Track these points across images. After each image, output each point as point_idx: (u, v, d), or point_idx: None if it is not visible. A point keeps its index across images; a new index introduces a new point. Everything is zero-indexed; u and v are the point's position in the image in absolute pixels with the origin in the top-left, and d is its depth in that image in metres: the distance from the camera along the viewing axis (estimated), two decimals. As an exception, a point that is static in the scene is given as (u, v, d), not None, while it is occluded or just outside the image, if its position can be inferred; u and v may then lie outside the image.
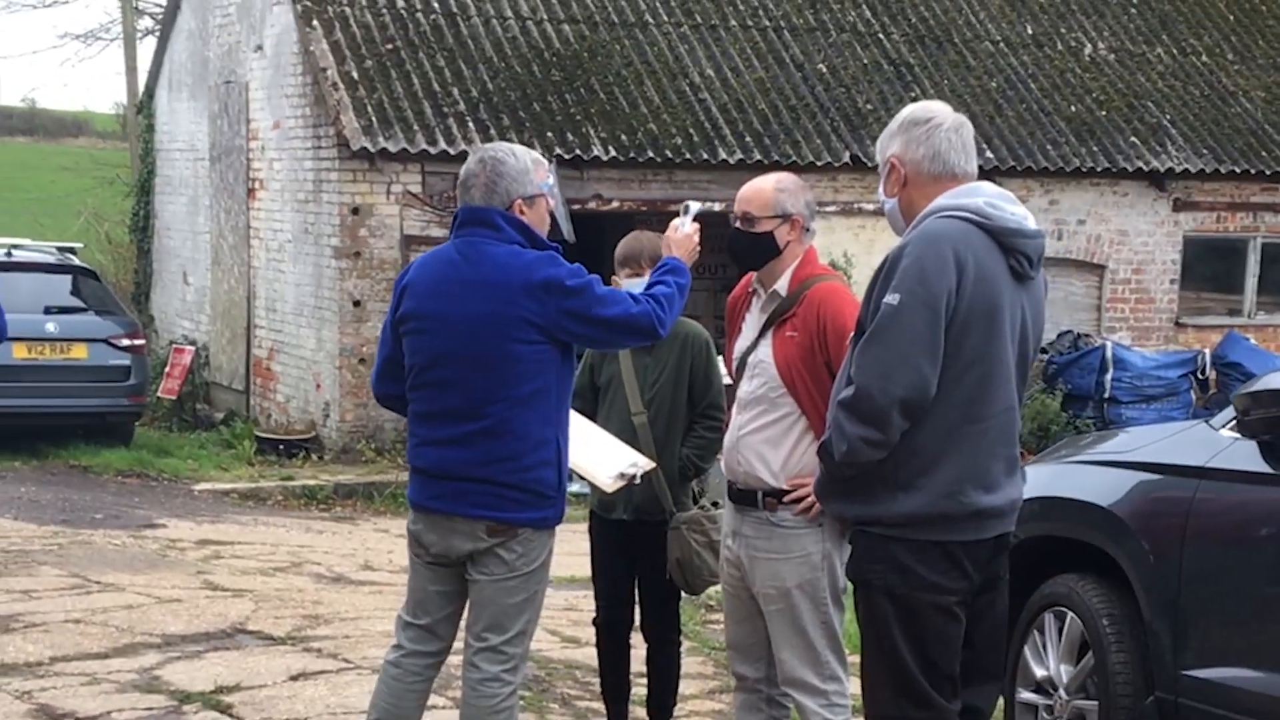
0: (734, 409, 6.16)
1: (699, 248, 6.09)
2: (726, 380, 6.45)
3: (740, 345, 6.12)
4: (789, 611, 5.96)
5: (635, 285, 6.64)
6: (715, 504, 6.98)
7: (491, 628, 5.81)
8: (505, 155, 5.79)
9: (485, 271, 5.69)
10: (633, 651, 7.37)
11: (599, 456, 6.64)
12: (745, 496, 6.04)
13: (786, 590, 5.94)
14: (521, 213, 5.74)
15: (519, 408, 5.67)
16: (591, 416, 7.13)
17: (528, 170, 5.77)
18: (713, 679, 8.66)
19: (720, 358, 6.62)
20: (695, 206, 6.21)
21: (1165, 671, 6.33)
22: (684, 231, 6.09)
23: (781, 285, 5.98)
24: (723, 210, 19.23)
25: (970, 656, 5.10)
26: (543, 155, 6.12)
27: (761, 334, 6.01)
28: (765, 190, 6.02)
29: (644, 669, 7.37)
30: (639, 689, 7.48)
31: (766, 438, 5.96)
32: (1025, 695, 7.00)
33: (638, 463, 6.68)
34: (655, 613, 7.22)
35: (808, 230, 6.04)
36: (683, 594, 7.23)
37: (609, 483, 6.53)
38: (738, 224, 6.03)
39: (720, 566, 6.36)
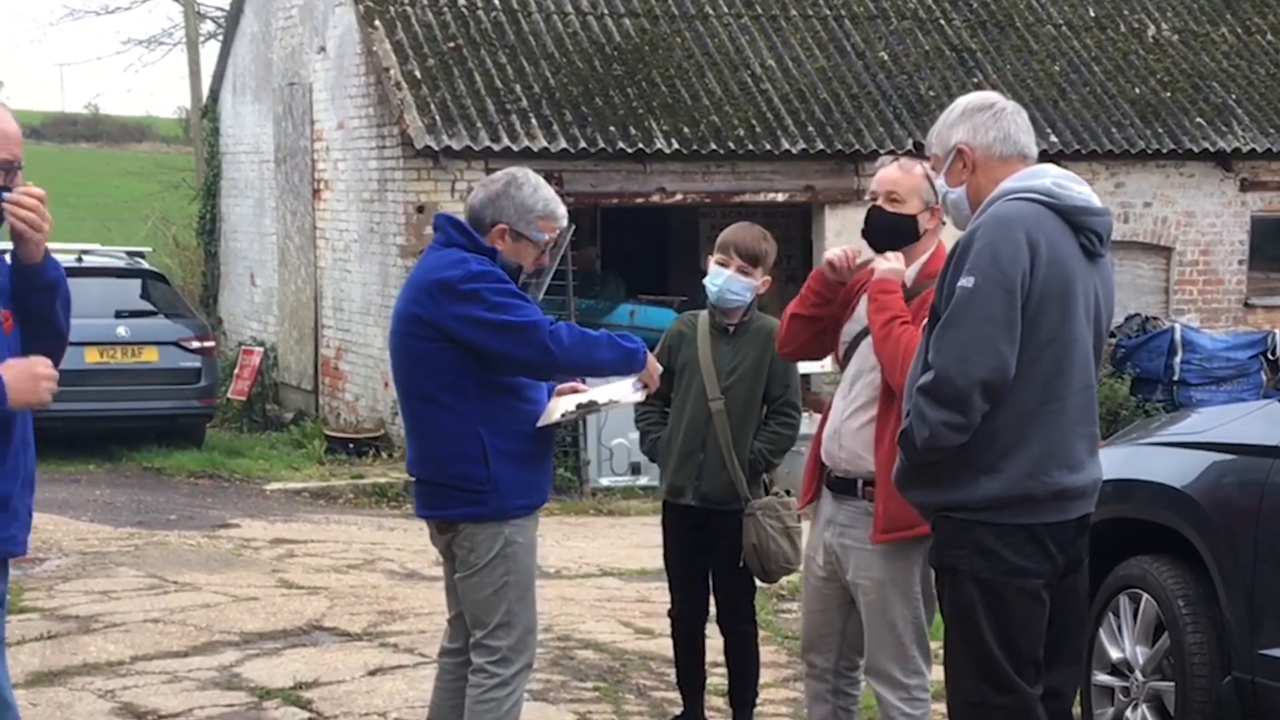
0: (837, 395, 6.07)
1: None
2: (818, 368, 6.40)
3: (851, 329, 6.04)
4: (880, 603, 5.92)
5: (720, 272, 6.73)
6: (788, 491, 6.97)
7: (474, 624, 5.95)
8: (526, 184, 5.86)
9: (415, 273, 5.89)
10: (708, 643, 7.40)
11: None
12: (844, 485, 5.99)
13: (880, 582, 5.91)
14: (502, 238, 5.80)
15: (430, 406, 5.78)
16: (666, 399, 7.15)
17: (533, 210, 5.83)
18: (786, 667, 8.68)
19: None
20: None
21: (1242, 651, 6.31)
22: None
23: (909, 275, 5.90)
24: (785, 200, 19.31)
25: (1052, 640, 5.09)
26: (568, 219, 6.09)
27: None
28: (915, 174, 5.91)
29: (718, 659, 7.39)
30: (713, 679, 7.50)
31: (871, 424, 5.89)
32: (1101, 677, 6.99)
33: (620, 399, 6.27)
34: (730, 605, 7.22)
35: (943, 223, 5.94)
36: (757, 583, 7.24)
37: (553, 418, 6.03)
38: (880, 202, 5.92)
39: (805, 555, 6.31)
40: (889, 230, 5.92)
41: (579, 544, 13.81)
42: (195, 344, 18.40)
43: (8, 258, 4.83)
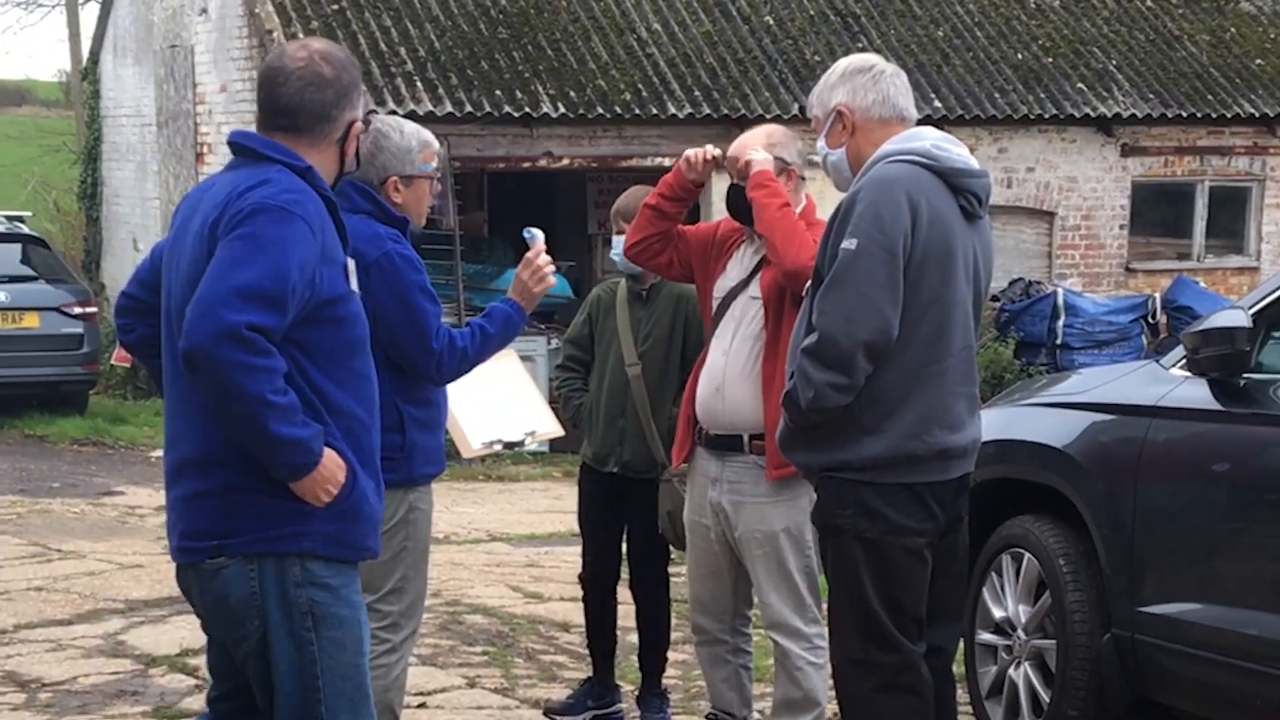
0: (714, 352, 6.11)
1: (548, 279, 5.68)
2: None
3: (723, 286, 6.12)
4: (774, 555, 6.01)
5: (618, 241, 6.73)
6: None
7: (366, 586, 5.80)
8: (391, 131, 5.79)
9: None
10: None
11: (493, 415, 6.55)
12: (729, 442, 6.06)
13: (774, 534, 6.00)
14: (396, 190, 5.72)
15: None
16: (588, 366, 7.17)
17: (410, 150, 5.75)
18: (675, 630, 8.71)
19: None
20: (537, 235, 5.82)
21: (1121, 609, 6.41)
22: (536, 264, 5.68)
23: None
24: (673, 164, 19.22)
25: (934, 597, 5.15)
26: (438, 139, 6.03)
27: (753, 274, 6.04)
28: (760, 146, 6.07)
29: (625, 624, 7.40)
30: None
31: (755, 379, 5.98)
32: (984, 636, 7.08)
33: (537, 431, 6.56)
34: (645, 571, 7.22)
35: (803, 179, 6.17)
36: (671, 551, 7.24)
37: (473, 449, 6.42)
38: (738, 181, 6.04)
39: (689, 519, 6.32)
40: (749, 205, 6.00)
41: (468, 509, 13.81)
42: (77, 309, 18.19)
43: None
